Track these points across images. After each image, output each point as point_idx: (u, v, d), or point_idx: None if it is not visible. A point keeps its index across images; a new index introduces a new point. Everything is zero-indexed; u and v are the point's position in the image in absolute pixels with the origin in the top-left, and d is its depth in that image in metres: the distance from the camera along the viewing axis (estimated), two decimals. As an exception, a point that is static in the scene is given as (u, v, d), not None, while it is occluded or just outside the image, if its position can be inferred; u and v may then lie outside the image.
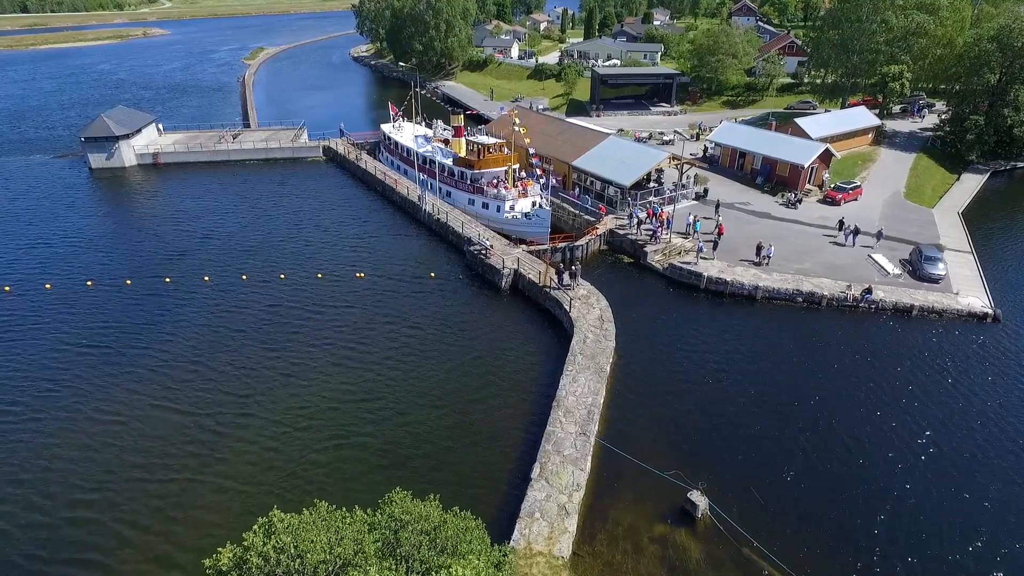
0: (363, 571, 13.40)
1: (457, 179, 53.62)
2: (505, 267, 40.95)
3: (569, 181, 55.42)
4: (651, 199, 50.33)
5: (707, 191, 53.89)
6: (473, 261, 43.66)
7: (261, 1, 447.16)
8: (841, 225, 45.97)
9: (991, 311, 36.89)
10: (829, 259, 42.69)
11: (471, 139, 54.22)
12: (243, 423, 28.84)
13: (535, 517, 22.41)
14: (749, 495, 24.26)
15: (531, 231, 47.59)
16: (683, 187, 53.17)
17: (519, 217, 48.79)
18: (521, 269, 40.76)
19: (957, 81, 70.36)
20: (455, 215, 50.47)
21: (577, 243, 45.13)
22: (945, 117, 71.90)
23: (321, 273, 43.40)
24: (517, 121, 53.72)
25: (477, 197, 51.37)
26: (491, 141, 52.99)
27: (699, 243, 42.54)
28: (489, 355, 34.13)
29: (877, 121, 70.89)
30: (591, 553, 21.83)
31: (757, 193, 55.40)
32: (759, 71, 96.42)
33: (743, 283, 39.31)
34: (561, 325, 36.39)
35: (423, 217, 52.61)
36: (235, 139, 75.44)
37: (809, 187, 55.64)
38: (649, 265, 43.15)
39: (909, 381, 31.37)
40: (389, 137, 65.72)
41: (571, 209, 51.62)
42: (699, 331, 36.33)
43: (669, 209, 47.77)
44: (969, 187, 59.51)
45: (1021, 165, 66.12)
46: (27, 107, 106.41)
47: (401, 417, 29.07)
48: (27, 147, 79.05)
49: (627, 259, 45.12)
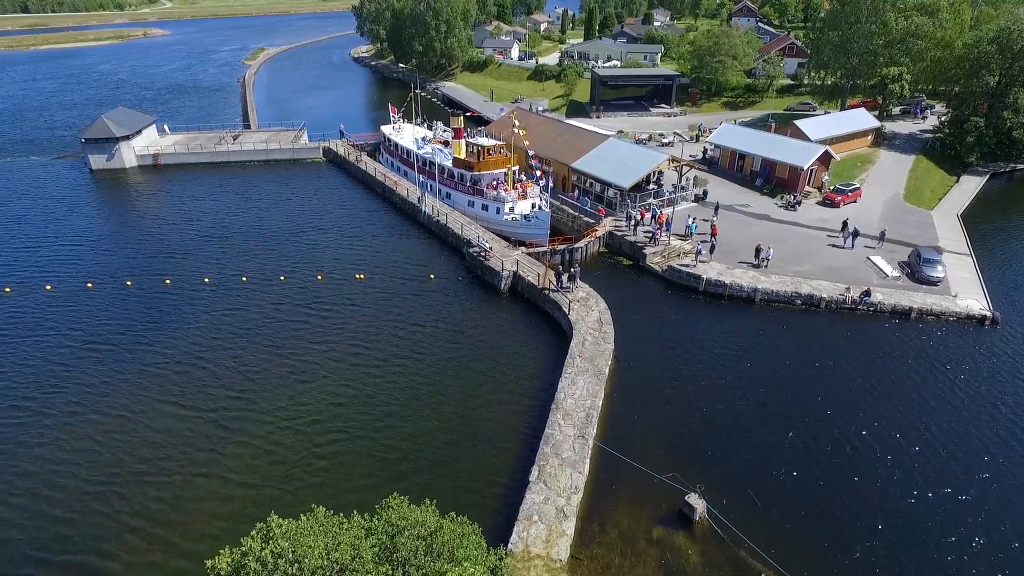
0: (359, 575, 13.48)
1: (457, 181, 53.68)
2: (504, 269, 41.02)
3: (569, 183, 55.48)
4: (650, 201, 50.42)
5: (706, 193, 53.94)
6: (472, 263, 43.72)
7: (261, 1, 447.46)
8: (845, 226, 45.99)
9: (989, 313, 36.93)
10: (828, 261, 42.74)
11: (471, 141, 54.28)
12: (245, 421, 29.00)
13: (533, 520, 22.46)
14: (747, 498, 24.32)
15: (530, 233, 47.65)
16: (682, 189, 53.24)
17: (518, 219, 48.85)
18: (520, 271, 40.81)
19: (957, 83, 70.37)
20: (455, 217, 50.54)
21: (576, 245, 45.18)
22: (945, 119, 71.98)
23: (321, 274, 43.48)
24: (516, 123, 53.77)
25: (477, 199, 51.43)
26: (491, 143, 53.06)
27: (698, 245, 42.59)
28: (488, 357, 34.19)
29: (876, 123, 70.95)
30: (589, 556, 21.88)
31: (756, 195, 55.46)
32: (759, 72, 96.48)
33: (742, 285, 39.36)
34: (560, 327, 36.46)
35: (423, 219, 52.68)
36: (235, 140, 75.51)
37: (808, 189, 55.68)
38: (648, 267, 43.19)
39: (908, 384, 31.42)
40: (389, 138, 65.80)
41: (570, 211, 51.68)
42: (698, 333, 36.40)
43: (668, 211, 47.85)
44: (968, 189, 59.55)
45: (1020, 167, 66.14)
46: (28, 108, 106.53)
47: (400, 418, 29.14)
48: (28, 148, 79.17)
49: (626, 261, 45.17)
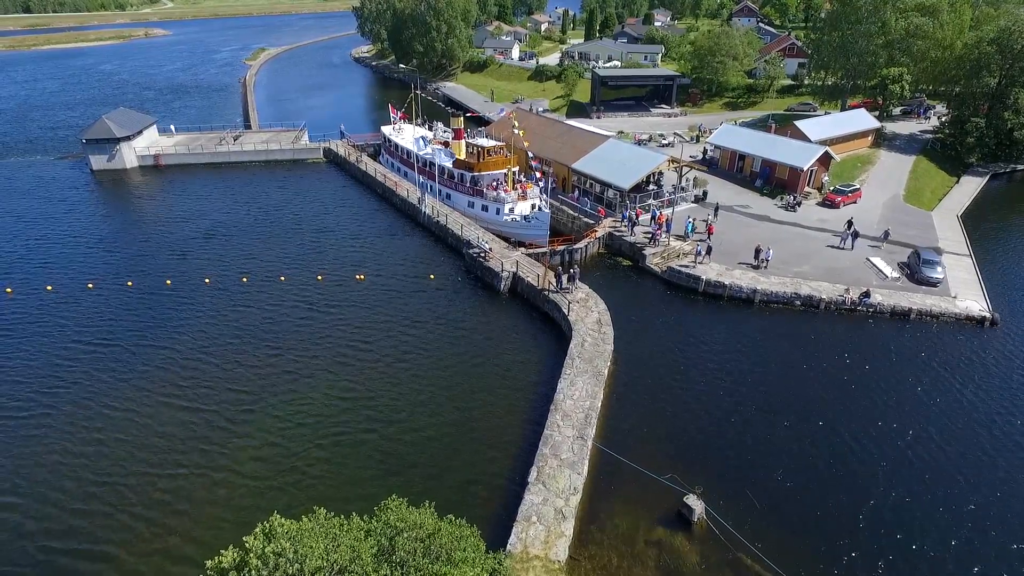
0: (359, 576, 13.58)
1: (457, 181, 53.76)
2: (504, 270, 41.08)
3: (569, 184, 55.54)
4: (650, 202, 50.47)
5: (706, 194, 53.97)
6: (472, 263, 43.79)
7: (263, 1, 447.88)
8: (850, 225, 46.05)
9: (989, 314, 36.95)
10: (827, 262, 42.77)
11: (471, 141, 54.36)
12: (247, 419, 29.19)
13: (532, 521, 22.52)
14: (745, 499, 24.37)
15: (530, 234, 47.72)
16: (682, 190, 53.28)
17: (518, 220, 48.91)
18: (520, 272, 40.87)
19: (957, 83, 70.43)
20: (455, 217, 50.62)
21: (576, 246, 45.25)
22: (945, 119, 71.96)
23: (321, 275, 43.56)
24: (516, 123, 53.84)
25: (476, 199, 51.50)
26: (491, 143, 53.13)
27: (697, 246, 42.62)
28: (487, 358, 34.26)
29: (877, 123, 70.94)
30: (587, 557, 21.94)
31: (756, 196, 55.49)
32: (759, 73, 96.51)
33: (741, 286, 39.41)
34: (559, 328, 36.52)
35: (423, 219, 52.76)
36: (236, 140, 75.63)
37: (808, 190, 55.73)
38: (648, 268, 43.24)
39: (907, 385, 31.45)
40: (389, 139, 65.90)
41: (570, 212, 51.74)
42: (697, 334, 36.43)
43: (668, 212, 47.89)
44: (968, 190, 59.58)
45: (1021, 168, 66.15)
46: (30, 108, 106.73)
47: (399, 418, 29.21)
48: (29, 148, 79.38)
49: (626, 262, 45.23)
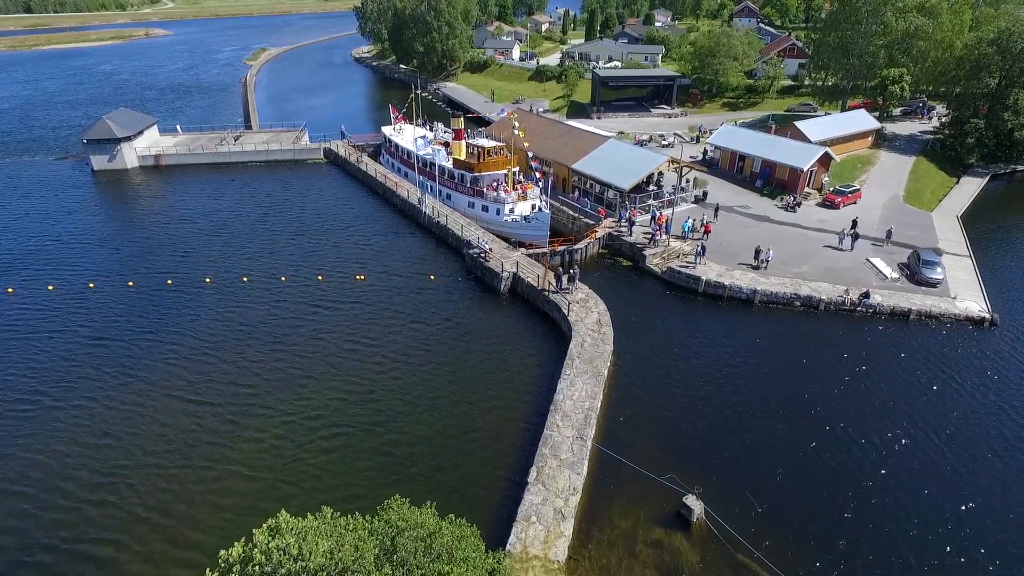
0: (361, 576, 13.65)
1: (457, 182, 53.83)
2: (504, 270, 41.15)
3: (569, 184, 55.60)
4: (650, 202, 50.51)
5: (706, 194, 54.02)
6: (472, 264, 43.85)
7: (263, 1, 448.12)
8: (854, 225, 46.21)
9: (988, 315, 37.00)
10: (827, 263, 42.82)
11: (471, 142, 54.43)
12: (250, 416, 29.50)
13: (531, 521, 22.58)
14: (744, 500, 24.42)
15: (530, 234, 47.78)
16: (682, 190, 53.33)
17: (518, 220, 48.97)
18: (520, 272, 40.94)
19: (957, 84, 70.43)
20: (455, 218, 50.68)
21: (576, 246, 45.31)
22: (945, 120, 71.99)
23: (321, 275, 43.63)
24: (516, 124, 53.90)
25: (477, 200, 51.56)
26: (491, 144, 53.20)
27: (698, 247, 42.65)
28: (487, 358, 34.32)
29: (877, 124, 70.97)
30: (587, 557, 22.00)
31: (756, 196, 55.54)
32: (759, 73, 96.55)
33: (741, 287, 39.46)
34: (559, 328, 36.58)
35: (423, 220, 52.83)
36: (236, 141, 75.71)
37: (808, 190, 55.77)
38: (648, 268, 43.30)
39: (907, 386, 31.50)
40: (390, 139, 65.98)
41: (570, 212, 51.80)
42: (697, 335, 36.50)
43: (668, 212, 47.94)
44: (968, 190, 59.62)
45: (1021, 168, 66.17)
46: (31, 108, 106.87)
47: (399, 418, 29.28)
48: (30, 148, 79.53)
49: (625, 262, 45.30)
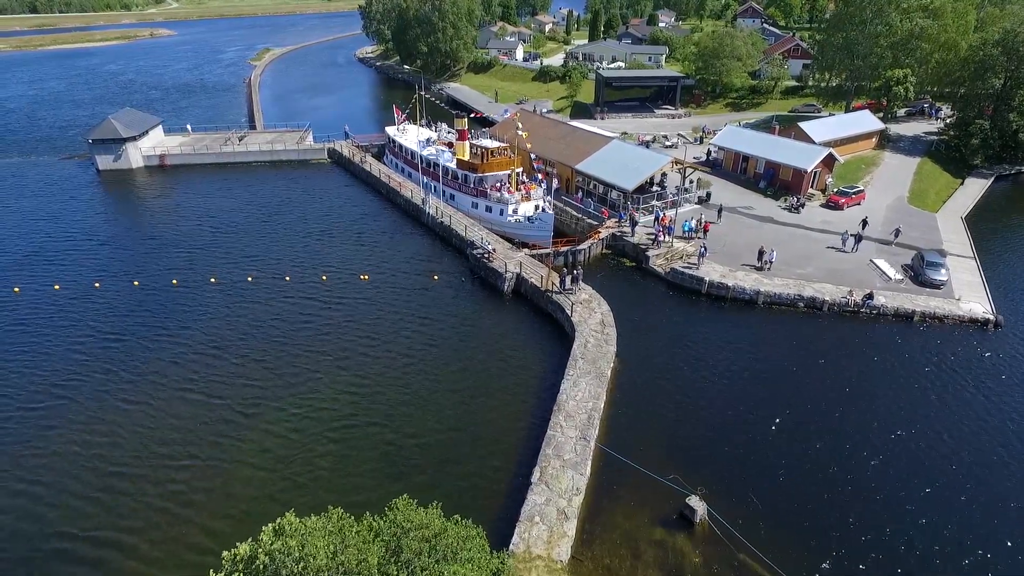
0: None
1: (460, 182, 53.92)
2: (507, 270, 41.22)
3: (572, 185, 55.63)
4: (654, 203, 50.51)
5: (710, 195, 54.01)
6: (476, 264, 43.94)
7: (267, 2, 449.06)
8: (864, 225, 46.31)
9: (993, 317, 36.93)
10: (831, 264, 42.77)
11: (475, 142, 54.52)
12: (257, 414, 29.77)
13: (535, 521, 22.65)
14: (748, 501, 24.45)
15: (534, 235, 47.82)
16: (686, 191, 53.29)
17: (522, 221, 49.02)
18: (523, 273, 41.01)
19: (962, 85, 70.25)
20: (458, 218, 50.78)
21: (579, 247, 45.36)
22: (950, 121, 71.82)
23: (326, 275, 43.78)
24: (520, 125, 53.96)
25: (480, 200, 51.65)
26: (495, 144, 53.29)
27: (701, 247, 42.65)
28: (491, 358, 34.41)
29: (881, 125, 70.80)
30: (590, 557, 22.06)
31: (760, 197, 55.49)
32: (763, 74, 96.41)
33: (744, 288, 39.45)
34: (563, 329, 36.63)
35: (426, 220, 52.94)
36: (241, 141, 75.95)
37: (812, 191, 55.70)
38: (651, 269, 43.33)
39: (911, 387, 31.47)
40: (393, 140, 66.10)
41: (574, 213, 51.83)
42: (700, 336, 36.50)
43: (671, 213, 47.90)
44: (973, 192, 59.46)
45: (1026, 169, 65.98)
46: (36, 108, 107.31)
47: (403, 417, 29.39)
48: (36, 148, 79.87)
49: (629, 263, 45.33)
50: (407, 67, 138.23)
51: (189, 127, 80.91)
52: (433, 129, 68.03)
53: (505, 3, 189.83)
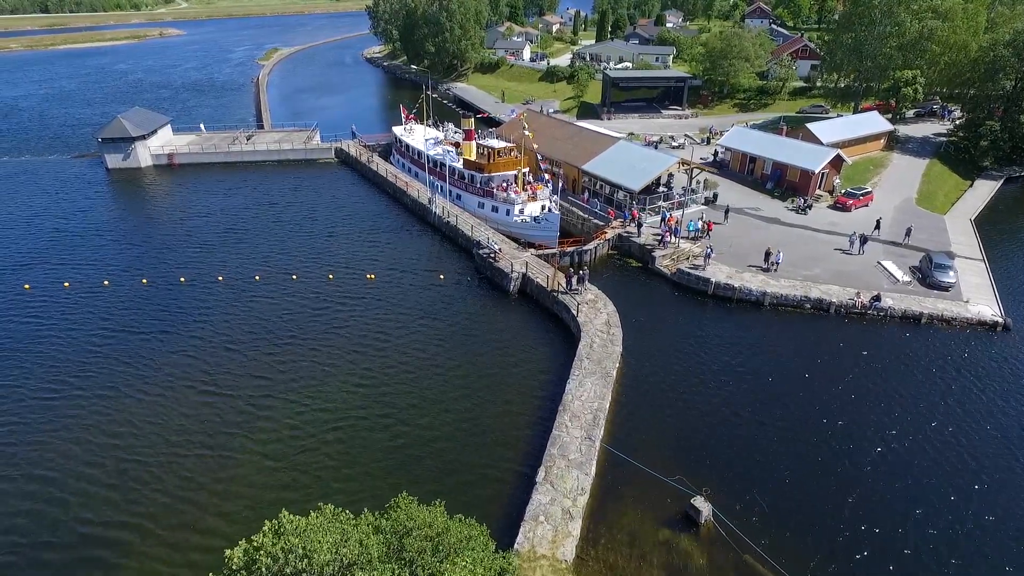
0: (368, 573, 13.74)
1: (467, 182, 54.01)
2: (513, 270, 41.26)
3: (579, 185, 55.63)
4: (660, 204, 50.44)
5: (717, 196, 53.88)
6: (482, 264, 44.00)
7: (276, 2, 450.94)
8: (878, 225, 46.55)
9: (1001, 320, 36.68)
10: (838, 266, 42.58)
11: (481, 142, 54.61)
12: (265, 408, 30.04)
13: (539, 520, 22.67)
14: (753, 502, 24.39)
15: (540, 235, 47.82)
16: (693, 192, 53.20)
17: (528, 221, 49.06)
18: (529, 273, 41.04)
19: (971, 86, 69.76)
20: (465, 218, 50.86)
21: (585, 247, 45.35)
22: (959, 122, 71.35)
23: (332, 274, 43.95)
24: (526, 125, 54.00)
25: (487, 200, 51.71)
26: (501, 144, 53.35)
27: (707, 248, 42.56)
28: (496, 358, 34.46)
29: (890, 126, 70.41)
30: (595, 557, 22.06)
31: (767, 198, 55.31)
32: (771, 75, 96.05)
33: (751, 289, 39.34)
34: (568, 329, 36.63)
35: (433, 219, 53.06)
36: (249, 140, 76.33)
37: (820, 192, 55.46)
38: (657, 270, 43.28)
39: (918, 390, 31.31)
40: (400, 140, 66.28)
41: (580, 213, 51.82)
42: (706, 337, 36.43)
43: (678, 214, 47.86)
44: (982, 193, 59.03)
45: (1036, 171, 65.45)
46: (47, 107, 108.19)
47: (408, 416, 29.47)
48: (47, 147, 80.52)
49: (635, 263, 45.29)
50: (414, 67, 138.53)
51: (203, 126, 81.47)
52: (440, 129, 68.18)
53: (512, 3, 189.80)
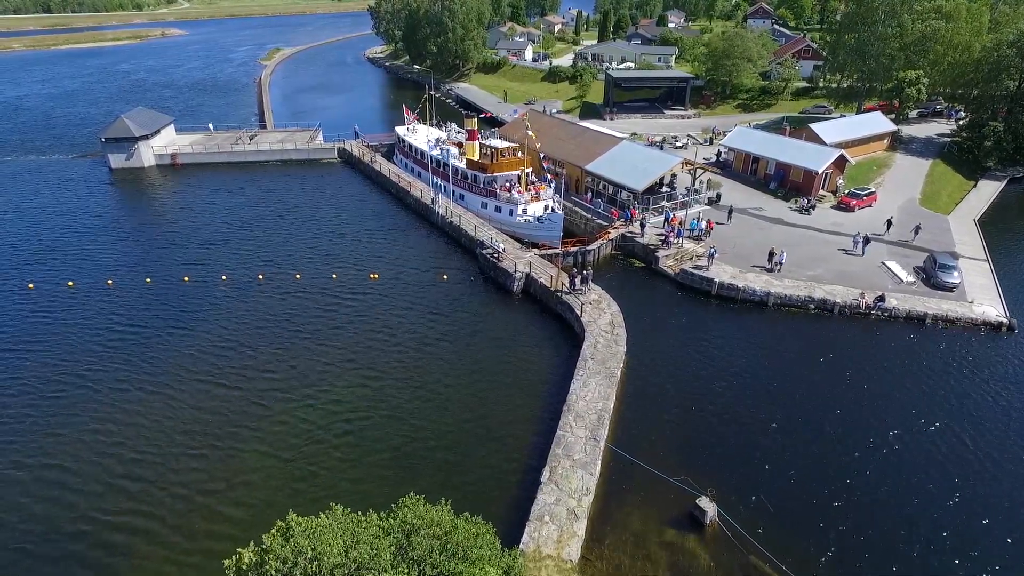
0: (377, 574, 13.74)
1: (470, 182, 54.03)
2: (517, 270, 41.26)
3: (582, 185, 55.62)
4: (663, 204, 50.42)
5: (720, 196, 53.85)
6: (485, 264, 44.01)
7: (278, 2, 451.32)
8: (889, 224, 46.77)
9: (1006, 320, 36.62)
10: (841, 266, 42.55)
11: (484, 142, 54.62)
12: (273, 405, 30.01)
13: (544, 520, 22.68)
14: (758, 502, 24.38)
15: (543, 235, 47.83)
16: (696, 192, 53.15)
17: (532, 221, 49.06)
18: (533, 273, 41.04)
19: (975, 87, 69.67)
20: (468, 218, 50.87)
21: (589, 247, 45.34)
22: (962, 122, 71.24)
23: (336, 274, 43.97)
24: (529, 125, 54.02)
25: (490, 200, 51.71)
26: (504, 145, 53.35)
27: (711, 248, 42.53)
28: (500, 358, 34.45)
29: (893, 126, 70.34)
30: (599, 557, 22.06)
31: (770, 198, 55.28)
32: (774, 75, 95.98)
33: (755, 289, 39.32)
34: (572, 329, 36.63)
35: (436, 220, 53.07)
36: (252, 140, 76.40)
37: (823, 193, 55.42)
38: (660, 270, 43.26)
39: (922, 390, 31.26)
40: (403, 140, 66.32)
41: (583, 213, 51.81)
42: (710, 337, 36.40)
43: (682, 214, 47.82)
44: (986, 194, 58.95)
45: (1039, 172, 65.33)
46: (49, 106, 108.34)
47: (412, 417, 29.47)
48: (50, 146, 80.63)
49: (638, 263, 45.27)
50: (417, 67, 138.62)
51: (211, 126, 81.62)
52: (443, 129, 68.19)
53: (514, 3, 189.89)
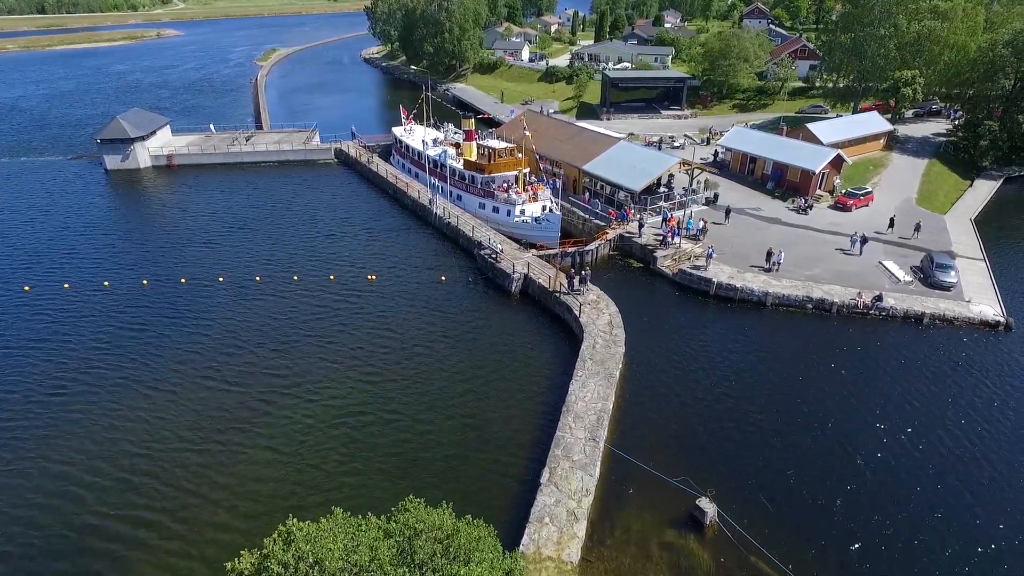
0: (379, 576, 13.69)
1: (468, 183, 53.96)
2: (515, 271, 41.21)
3: (579, 186, 55.60)
4: (660, 204, 50.44)
5: (717, 196, 53.89)
6: (483, 265, 43.95)
7: (273, 2, 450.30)
8: (892, 223, 47.05)
9: (1003, 319, 36.73)
10: (839, 266, 42.60)
11: (482, 143, 54.56)
12: (273, 405, 29.85)
13: (544, 522, 22.64)
14: (758, 502, 24.38)
15: (541, 235, 47.79)
16: (693, 192, 53.18)
17: (529, 221, 49.02)
18: (531, 273, 41.00)
19: (971, 86, 69.88)
20: (465, 219, 50.80)
21: (587, 248, 45.32)
22: (958, 122, 71.46)
23: (333, 275, 43.85)
24: (526, 125, 53.99)
25: (487, 201, 51.66)
26: (502, 145, 53.31)
27: (709, 248, 42.56)
28: (499, 359, 34.38)
29: (889, 126, 70.50)
30: (600, 558, 22.03)
31: (767, 198, 55.33)
32: (770, 75, 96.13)
33: (753, 289, 39.34)
34: (571, 330, 36.59)
35: (434, 220, 52.98)
36: (248, 141, 76.17)
37: (820, 192, 55.51)
38: (658, 270, 43.26)
39: (921, 389, 31.31)
40: (400, 140, 66.21)
41: (581, 214, 51.79)
42: (708, 337, 36.43)
43: (679, 214, 47.85)
44: (982, 193, 59.12)
45: (1035, 171, 65.54)
46: (45, 108, 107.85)
47: (412, 420, 29.38)
48: (45, 147, 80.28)
49: (636, 264, 45.28)
50: (413, 67, 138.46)
51: (212, 127, 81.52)
52: (440, 129, 68.11)
53: (511, 4, 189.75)
